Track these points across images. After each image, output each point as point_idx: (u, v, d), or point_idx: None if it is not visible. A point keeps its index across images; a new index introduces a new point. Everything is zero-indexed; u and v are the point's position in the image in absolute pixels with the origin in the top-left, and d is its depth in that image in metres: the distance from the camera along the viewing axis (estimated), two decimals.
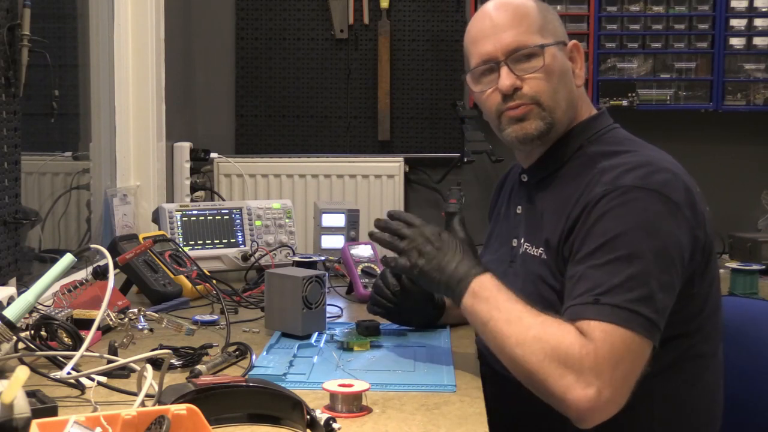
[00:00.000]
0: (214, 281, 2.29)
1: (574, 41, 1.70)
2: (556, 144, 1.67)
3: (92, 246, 1.81)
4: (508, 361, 1.49)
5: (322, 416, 1.33)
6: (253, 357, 1.66)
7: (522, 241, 1.69)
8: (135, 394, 1.38)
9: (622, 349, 1.41)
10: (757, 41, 3.57)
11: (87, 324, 1.68)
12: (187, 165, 3.32)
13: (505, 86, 1.62)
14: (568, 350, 1.41)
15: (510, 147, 1.73)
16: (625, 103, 3.57)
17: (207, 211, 2.63)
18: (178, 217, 2.56)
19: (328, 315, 1.94)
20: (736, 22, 3.57)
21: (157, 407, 1.22)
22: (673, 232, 1.48)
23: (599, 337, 1.41)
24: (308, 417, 1.31)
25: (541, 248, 1.61)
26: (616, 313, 1.42)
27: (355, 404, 1.40)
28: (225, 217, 2.64)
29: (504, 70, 1.62)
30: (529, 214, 1.70)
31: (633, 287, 1.43)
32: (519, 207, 1.74)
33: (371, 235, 1.71)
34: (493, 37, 1.64)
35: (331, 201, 3.50)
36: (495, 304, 1.51)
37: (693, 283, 1.53)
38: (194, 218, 2.59)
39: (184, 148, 3.33)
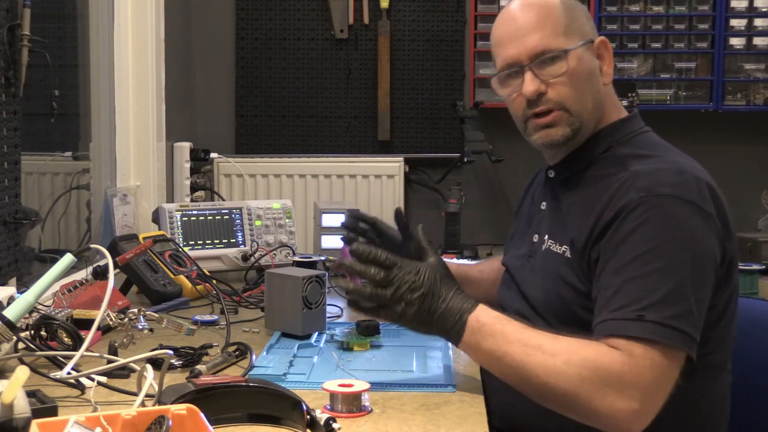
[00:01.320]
0: (214, 281, 2.29)
1: (602, 38, 1.66)
2: (584, 144, 1.66)
3: (92, 246, 1.81)
4: (535, 392, 1.45)
5: (322, 416, 1.33)
6: (253, 357, 1.66)
7: (546, 237, 1.66)
8: (135, 394, 1.39)
9: (663, 363, 1.40)
10: (757, 41, 3.57)
11: (87, 324, 1.68)
12: (187, 165, 3.32)
13: (529, 92, 1.59)
14: (609, 368, 1.39)
15: (538, 149, 1.72)
16: (625, 103, 3.56)
17: (207, 211, 2.63)
18: (178, 217, 2.56)
19: (328, 315, 1.94)
20: (736, 22, 3.57)
21: (157, 407, 1.22)
22: (709, 244, 1.48)
23: (640, 353, 1.40)
24: (308, 417, 1.31)
25: (565, 246, 1.59)
26: (660, 330, 1.40)
27: (355, 404, 1.40)
28: (225, 217, 2.64)
29: (528, 75, 1.60)
30: (554, 211, 1.68)
31: (673, 302, 1.42)
32: (544, 203, 1.72)
33: (348, 293, 1.49)
34: (516, 41, 1.61)
35: (331, 201, 3.50)
36: (503, 337, 1.45)
37: (714, 294, 1.52)
38: (194, 218, 2.59)
39: (184, 148, 3.33)
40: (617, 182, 1.54)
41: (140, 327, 1.83)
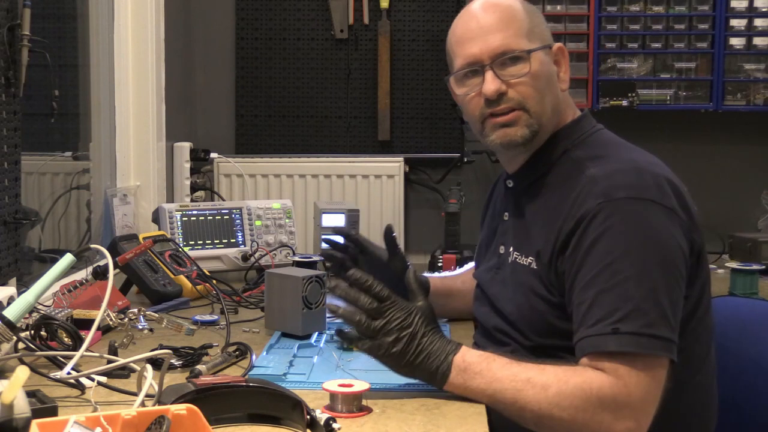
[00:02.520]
0: (214, 281, 2.29)
1: (559, 44, 1.67)
2: (540, 149, 1.65)
3: (92, 246, 1.81)
4: (532, 425, 1.44)
5: (322, 416, 1.33)
6: (253, 357, 1.66)
7: (511, 249, 1.66)
8: (135, 394, 1.39)
9: (648, 377, 1.41)
10: (757, 41, 3.57)
11: (87, 324, 1.68)
12: (187, 165, 3.32)
13: (490, 91, 1.58)
14: (600, 393, 1.39)
15: (494, 151, 1.71)
16: (625, 103, 3.57)
17: (207, 211, 2.63)
18: (178, 217, 2.56)
19: (328, 315, 1.93)
20: (736, 22, 3.57)
21: (157, 407, 1.22)
22: (674, 240, 1.48)
23: (625, 372, 1.40)
24: (308, 417, 1.31)
25: (530, 258, 1.59)
26: (637, 341, 1.40)
27: (355, 404, 1.40)
28: (225, 217, 2.64)
29: (489, 75, 1.59)
30: (516, 222, 1.68)
31: (647, 309, 1.42)
32: (506, 213, 1.72)
33: (333, 312, 1.51)
34: (479, 39, 1.60)
35: (331, 201, 3.49)
36: (491, 375, 1.44)
37: (687, 286, 1.52)
38: (194, 218, 2.59)
39: (184, 148, 3.33)
40: (575, 188, 1.53)
41: (140, 327, 1.83)
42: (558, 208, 1.55)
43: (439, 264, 2.79)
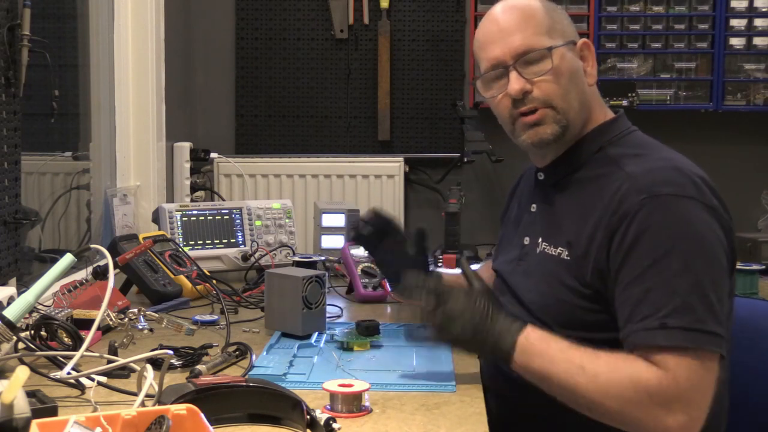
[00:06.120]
0: (214, 281, 2.29)
1: (584, 39, 1.68)
2: (574, 145, 1.66)
3: (92, 246, 1.81)
4: (586, 410, 1.46)
5: (322, 416, 1.33)
6: (253, 357, 1.66)
7: (540, 240, 1.66)
8: (135, 394, 1.39)
9: (699, 370, 1.41)
10: (757, 41, 3.57)
11: (87, 324, 1.68)
12: (187, 165, 3.32)
13: (515, 90, 1.60)
14: (648, 385, 1.40)
15: (525, 151, 1.72)
16: (625, 103, 3.57)
17: (207, 211, 2.63)
18: (178, 217, 2.56)
19: (328, 315, 1.94)
20: (736, 22, 3.57)
21: (157, 407, 1.22)
22: (716, 236, 1.48)
23: (674, 364, 1.40)
24: (308, 417, 1.31)
25: (560, 248, 1.59)
26: (686, 335, 1.41)
27: (355, 404, 1.40)
28: (225, 217, 2.64)
29: (513, 75, 1.61)
30: (546, 214, 1.68)
31: (695, 304, 1.42)
32: (534, 205, 1.72)
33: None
34: (500, 42, 1.62)
35: (331, 201, 3.50)
36: (549, 357, 1.47)
37: None
38: (194, 218, 2.59)
39: (184, 148, 3.33)
40: (614, 183, 1.54)
41: (140, 327, 1.83)
42: (593, 202, 1.56)
43: (440, 264, 2.79)
